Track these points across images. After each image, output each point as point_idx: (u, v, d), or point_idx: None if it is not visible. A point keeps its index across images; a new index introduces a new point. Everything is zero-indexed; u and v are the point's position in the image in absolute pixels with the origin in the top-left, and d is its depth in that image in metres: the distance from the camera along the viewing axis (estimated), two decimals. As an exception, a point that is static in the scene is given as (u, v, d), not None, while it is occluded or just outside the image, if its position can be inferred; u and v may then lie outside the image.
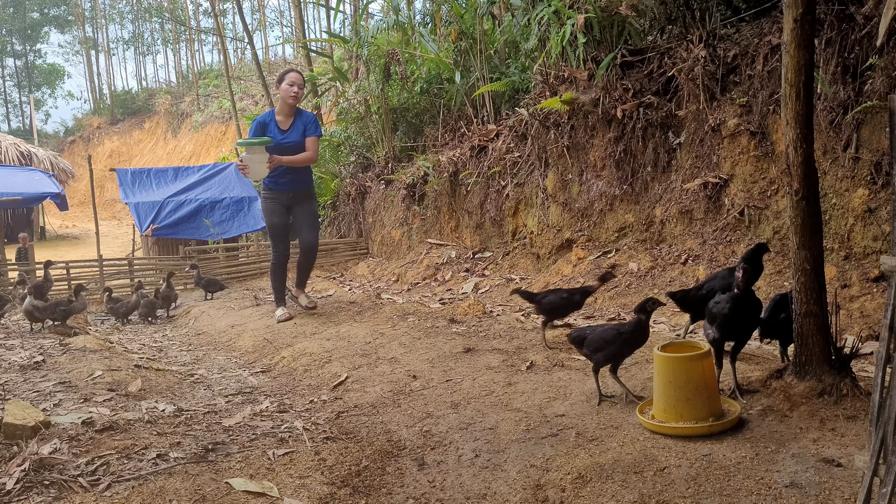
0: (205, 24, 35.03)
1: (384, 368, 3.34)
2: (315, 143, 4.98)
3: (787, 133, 2.20)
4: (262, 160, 4.63)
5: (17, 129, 38.20)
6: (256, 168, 4.66)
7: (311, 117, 4.99)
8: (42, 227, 21.59)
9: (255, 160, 4.64)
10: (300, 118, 4.93)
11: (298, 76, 4.90)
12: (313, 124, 4.95)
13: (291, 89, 4.80)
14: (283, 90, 4.84)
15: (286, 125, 4.90)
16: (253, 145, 4.63)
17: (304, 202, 5.12)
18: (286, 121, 4.91)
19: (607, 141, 5.65)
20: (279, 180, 4.93)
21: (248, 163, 4.63)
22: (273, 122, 4.89)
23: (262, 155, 4.64)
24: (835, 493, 1.64)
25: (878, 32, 3.41)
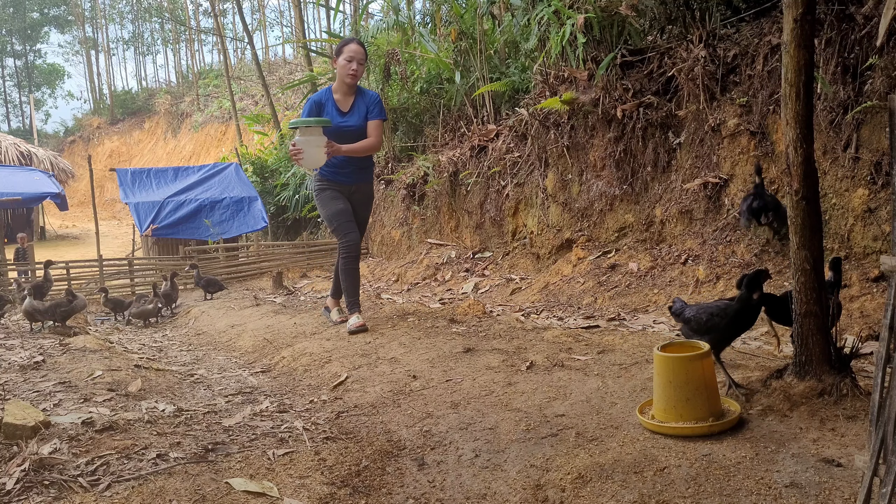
0: (205, 24, 35.04)
1: (384, 368, 3.34)
2: (379, 129, 4.24)
3: (787, 133, 2.20)
4: (320, 144, 3.89)
5: (17, 129, 38.21)
6: (313, 154, 3.89)
7: (374, 98, 4.26)
8: (42, 227, 21.60)
9: (311, 144, 3.88)
10: (362, 98, 4.25)
11: (359, 49, 4.16)
12: (377, 106, 4.23)
13: (350, 66, 4.10)
14: (340, 66, 4.14)
15: (346, 106, 4.22)
16: (309, 126, 3.88)
17: (366, 199, 4.50)
18: (346, 101, 4.23)
19: (607, 141, 5.65)
20: (340, 171, 4.27)
21: (303, 147, 3.87)
22: (330, 101, 4.21)
23: (320, 138, 3.90)
24: (835, 493, 1.64)
25: (878, 32, 3.41)
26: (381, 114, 4.23)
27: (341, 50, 4.15)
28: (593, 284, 5.27)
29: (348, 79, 4.13)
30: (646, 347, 3.24)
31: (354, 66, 4.11)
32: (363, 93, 4.28)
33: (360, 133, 4.20)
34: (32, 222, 20.51)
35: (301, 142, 3.88)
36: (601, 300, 5.00)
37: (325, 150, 3.89)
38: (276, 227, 13.26)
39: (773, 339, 2.84)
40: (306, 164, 3.99)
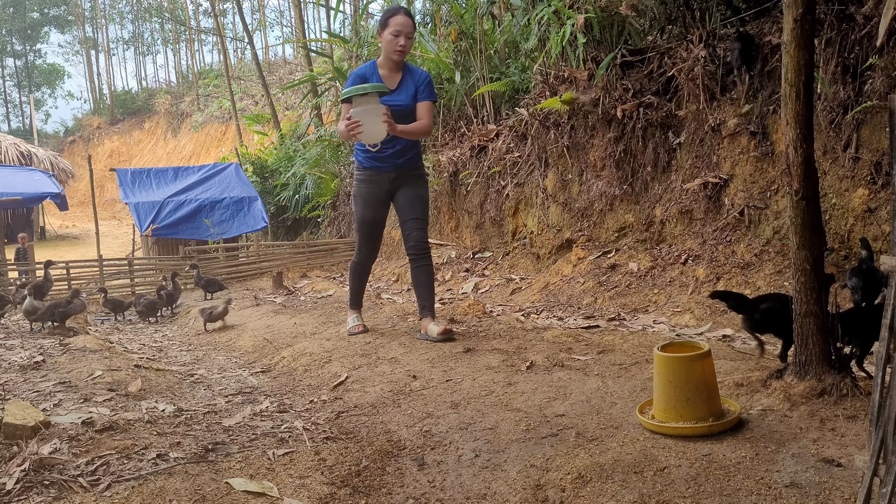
0: (205, 24, 35.05)
1: (384, 368, 3.34)
2: (430, 111, 3.77)
3: (787, 133, 2.20)
4: (379, 113, 3.42)
5: (17, 129, 38.21)
6: (373, 124, 3.41)
7: (423, 76, 3.81)
8: (42, 227, 21.60)
9: (370, 114, 3.40)
10: (410, 76, 3.80)
11: (407, 22, 3.66)
12: (427, 86, 3.78)
13: (397, 41, 3.65)
14: (385, 41, 3.70)
15: (393, 83, 3.77)
16: (366, 93, 3.39)
17: (413, 184, 3.90)
18: (392, 77, 3.78)
19: (607, 141, 5.66)
20: (379, 154, 3.77)
21: (361, 118, 3.41)
22: (375, 76, 3.75)
23: (379, 107, 3.43)
24: (835, 493, 1.64)
25: (878, 32, 3.41)
26: (432, 94, 3.80)
27: (387, 22, 3.67)
28: (593, 284, 5.27)
29: (395, 55, 3.67)
30: (646, 347, 3.24)
31: (402, 42, 3.63)
32: (412, 70, 3.83)
33: (408, 114, 3.74)
34: (32, 222, 20.50)
35: (358, 113, 3.40)
36: (601, 300, 5.00)
37: (385, 120, 3.42)
38: (276, 227, 13.26)
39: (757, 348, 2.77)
40: (367, 138, 3.49)
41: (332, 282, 8.40)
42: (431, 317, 3.86)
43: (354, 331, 4.09)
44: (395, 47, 3.65)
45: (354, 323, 4.15)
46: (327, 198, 11.25)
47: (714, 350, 2.84)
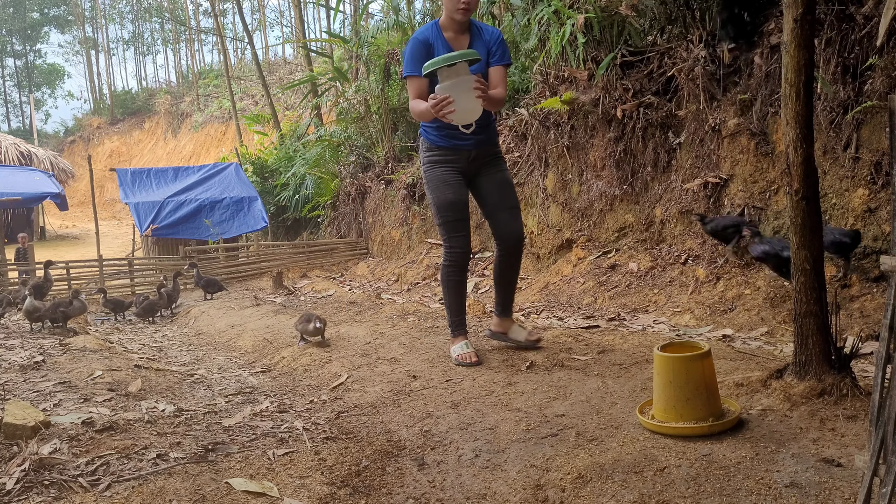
0: (205, 24, 35.05)
1: (384, 368, 3.34)
2: (504, 76, 3.17)
3: (787, 133, 2.20)
4: (471, 86, 2.83)
5: (17, 129, 38.21)
6: (466, 101, 2.84)
7: (496, 35, 3.19)
8: (42, 227, 21.60)
9: (463, 87, 2.82)
10: (480, 36, 3.18)
11: None
12: (500, 46, 3.17)
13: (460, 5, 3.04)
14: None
15: (460, 46, 3.16)
16: (454, 63, 2.80)
17: (495, 166, 3.31)
18: (459, 39, 3.17)
19: (607, 141, 5.66)
20: (454, 131, 3.12)
21: (452, 94, 2.82)
22: (440, 40, 3.15)
23: (470, 78, 2.84)
24: (835, 493, 1.64)
25: (878, 32, 3.41)
26: (506, 56, 3.19)
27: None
28: (593, 284, 5.27)
29: (458, 14, 3.06)
30: (646, 347, 3.24)
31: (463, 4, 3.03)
32: (481, 30, 3.21)
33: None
34: (32, 222, 20.50)
35: (447, 88, 2.82)
36: (601, 300, 5.00)
37: (478, 93, 2.84)
38: (276, 227, 13.26)
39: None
40: (460, 118, 2.89)
41: (331, 282, 8.41)
42: (511, 317, 3.44)
43: (464, 360, 3.21)
44: (457, 5, 3.03)
45: (462, 351, 3.26)
46: (327, 198, 11.25)
47: (714, 350, 2.84)
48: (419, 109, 3.04)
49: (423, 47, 3.09)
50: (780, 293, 3.99)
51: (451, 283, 3.33)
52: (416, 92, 3.12)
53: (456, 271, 3.31)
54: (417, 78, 3.08)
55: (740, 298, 4.15)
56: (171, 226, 11.09)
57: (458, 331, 3.35)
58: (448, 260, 3.31)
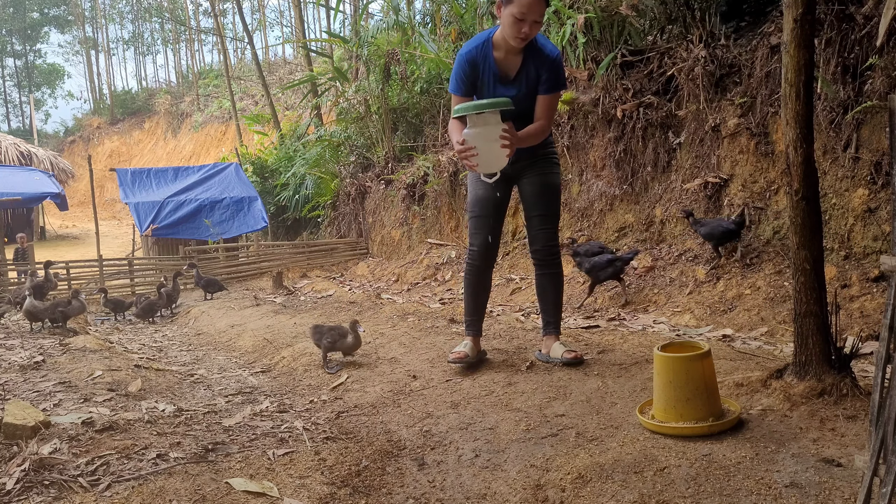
0: (205, 24, 35.05)
1: (384, 368, 3.34)
2: (552, 106, 2.90)
3: (787, 133, 2.20)
4: (498, 135, 2.63)
5: (17, 129, 38.21)
6: (490, 151, 2.66)
7: (550, 59, 2.82)
8: (42, 227, 21.60)
9: (488, 137, 2.65)
10: (533, 59, 2.83)
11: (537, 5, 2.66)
12: (553, 72, 2.83)
13: (520, 28, 2.70)
14: (504, 19, 2.73)
15: (510, 68, 2.87)
16: (483, 110, 2.62)
17: (541, 167, 3.04)
18: (510, 61, 2.86)
19: (607, 141, 5.66)
20: None
21: (476, 143, 2.66)
22: (489, 60, 2.86)
23: (498, 127, 2.64)
24: (835, 493, 1.64)
25: (878, 32, 3.41)
26: (559, 83, 2.85)
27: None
28: (593, 284, 5.27)
29: (516, 42, 2.75)
30: (646, 347, 3.24)
31: (527, 30, 2.69)
32: (537, 50, 2.83)
33: (526, 108, 2.87)
34: (32, 222, 20.50)
35: (472, 136, 2.66)
36: (601, 300, 5.00)
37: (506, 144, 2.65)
38: (276, 227, 13.26)
39: None
40: (483, 167, 2.74)
41: (332, 282, 8.41)
42: (557, 335, 3.18)
43: (453, 357, 3.12)
44: (516, 33, 2.71)
45: (457, 349, 3.18)
46: (327, 198, 11.25)
47: (714, 350, 2.84)
48: (452, 138, 2.85)
49: (470, 67, 2.86)
50: (780, 293, 3.99)
51: (466, 281, 3.23)
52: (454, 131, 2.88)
53: (472, 270, 3.19)
54: (457, 97, 2.91)
55: (740, 298, 4.15)
56: (171, 226, 11.09)
57: (468, 330, 3.24)
58: (467, 258, 3.23)
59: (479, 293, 3.22)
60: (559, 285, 3.18)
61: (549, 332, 3.18)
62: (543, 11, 2.71)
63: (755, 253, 4.59)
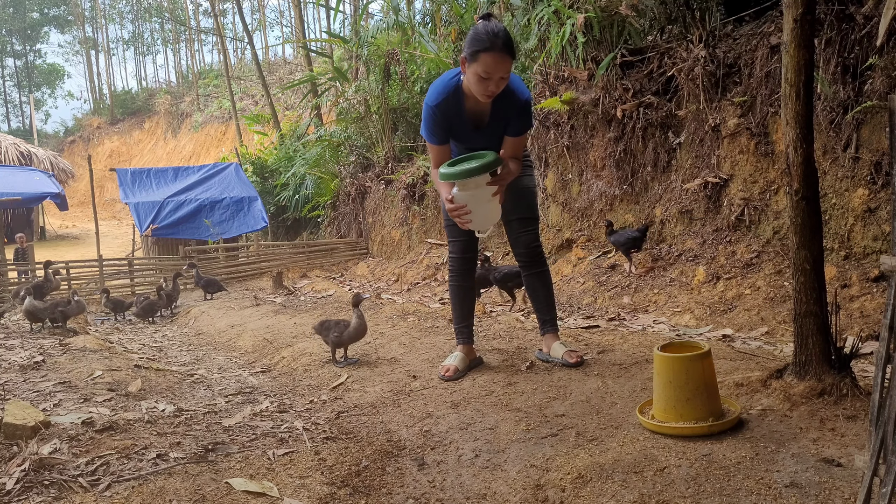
0: (205, 24, 35.06)
1: (384, 368, 3.34)
2: (521, 146, 2.90)
3: (787, 133, 2.20)
4: (490, 194, 2.65)
5: (17, 129, 38.23)
6: (484, 210, 2.68)
7: (520, 102, 2.77)
8: (42, 227, 21.60)
9: (481, 199, 2.65)
10: (502, 103, 2.75)
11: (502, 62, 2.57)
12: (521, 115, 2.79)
13: (486, 86, 2.62)
14: (469, 76, 2.65)
15: (481, 116, 2.83)
16: (474, 174, 2.59)
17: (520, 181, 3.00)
18: (480, 107, 2.80)
19: (607, 141, 5.66)
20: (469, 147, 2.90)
21: (469, 203, 2.65)
22: (460, 108, 2.78)
23: (489, 189, 2.65)
24: (835, 493, 1.64)
25: (878, 32, 3.41)
26: (527, 123, 2.85)
27: (476, 55, 2.58)
28: (593, 284, 5.27)
29: (483, 98, 2.69)
30: (646, 347, 3.24)
31: (493, 88, 2.63)
32: (508, 94, 2.74)
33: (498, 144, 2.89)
34: (32, 222, 20.50)
35: (465, 197, 2.63)
36: (601, 300, 5.00)
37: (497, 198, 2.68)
38: (276, 227, 13.27)
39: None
40: (477, 225, 2.74)
41: (331, 282, 8.41)
42: (555, 333, 3.13)
43: (443, 373, 3.05)
44: (483, 91, 2.64)
45: (445, 362, 3.12)
46: (327, 198, 11.25)
47: (714, 350, 2.84)
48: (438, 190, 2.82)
49: (442, 117, 2.78)
50: (780, 293, 3.99)
51: (451, 287, 3.24)
52: (435, 159, 2.87)
53: (455, 276, 3.20)
54: (435, 146, 2.86)
55: (740, 298, 4.15)
56: (171, 226, 11.10)
57: (458, 338, 3.19)
58: (448, 266, 3.25)
59: (465, 299, 3.21)
60: (548, 282, 3.15)
61: (547, 331, 3.16)
62: (509, 68, 2.62)
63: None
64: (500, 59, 2.55)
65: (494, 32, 2.55)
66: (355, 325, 3.22)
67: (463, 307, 3.21)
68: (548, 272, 3.16)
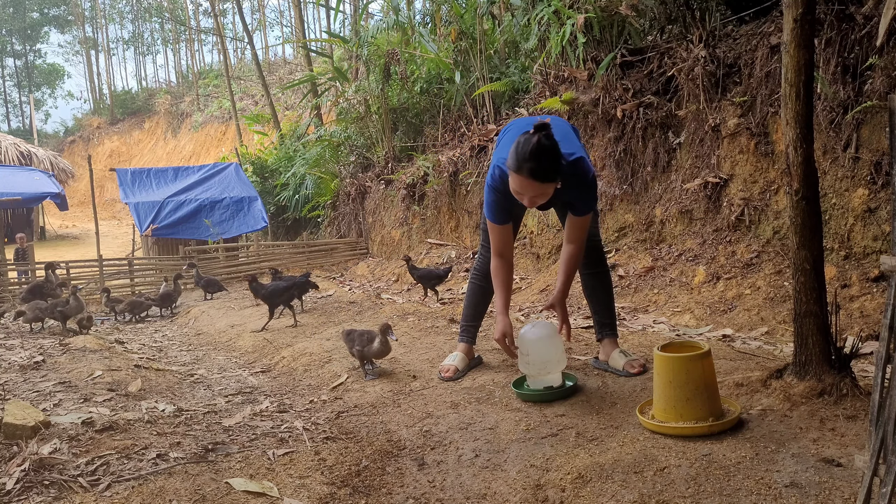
0: (205, 24, 35.06)
1: (384, 368, 3.34)
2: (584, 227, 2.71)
3: (787, 133, 2.20)
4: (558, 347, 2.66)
5: (17, 129, 38.23)
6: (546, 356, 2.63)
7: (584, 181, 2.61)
8: (42, 227, 21.60)
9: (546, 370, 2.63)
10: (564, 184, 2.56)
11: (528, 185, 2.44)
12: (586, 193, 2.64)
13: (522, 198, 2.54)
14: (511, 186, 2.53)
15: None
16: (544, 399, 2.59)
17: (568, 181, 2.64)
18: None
19: (607, 141, 5.66)
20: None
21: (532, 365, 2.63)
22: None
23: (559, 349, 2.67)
24: (835, 493, 1.64)
25: (878, 32, 3.41)
26: (589, 204, 2.66)
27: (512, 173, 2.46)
28: (593, 284, 5.26)
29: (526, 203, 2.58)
30: (646, 347, 3.24)
31: (527, 202, 2.54)
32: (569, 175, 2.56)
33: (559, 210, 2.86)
34: (32, 222, 20.50)
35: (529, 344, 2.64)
36: (601, 300, 5.00)
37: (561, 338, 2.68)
38: (276, 227, 13.27)
39: None
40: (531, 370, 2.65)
41: (331, 282, 8.41)
42: (614, 340, 2.97)
43: (444, 374, 3.04)
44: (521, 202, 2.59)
45: (447, 362, 3.10)
46: (327, 198, 11.25)
47: (714, 350, 2.84)
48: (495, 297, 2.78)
49: (504, 198, 2.67)
50: (780, 293, 3.99)
51: (471, 286, 3.16)
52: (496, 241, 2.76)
53: (478, 276, 3.11)
54: (496, 226, 2.74)
55: (740, 298, 4.14)
56: (171, 226, 11.09)
57: (461, 337, 3.16)
58: (477, 261, 3.14)
59: (482, 300, 3.14)
60: (608, 284, 2.98)
61: (606, 335, 2.96)
62: (543, 189, 2.45)
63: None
64: (526, 183, 2.43)
65: (524, 157, 2.38)
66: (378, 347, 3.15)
67: (477, 308, 3.15)
68: (607, 273, 3.00)
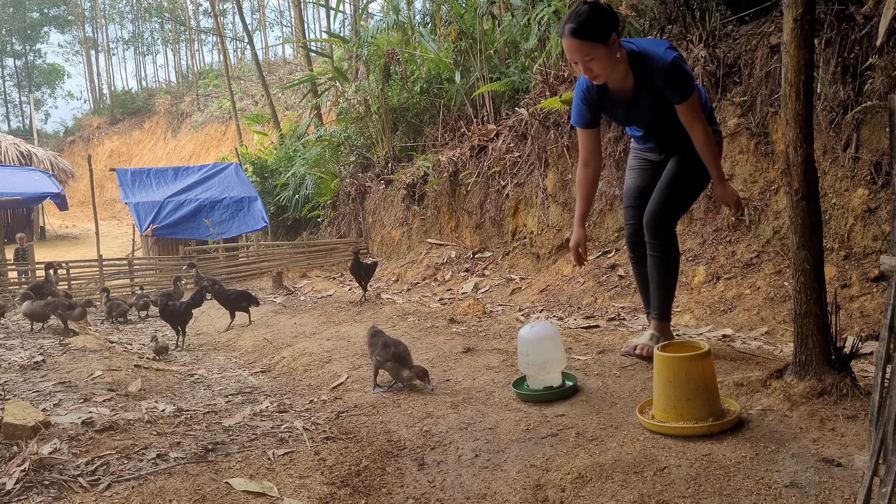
0: (205, 24, 35.07)
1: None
2: (692, 111, 2.65)
3: (787, 133, 2.20)
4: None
5: (17, 129, 38.21)
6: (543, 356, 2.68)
7: (660, 71, 2.58)
8: (42, 227, 21.60)
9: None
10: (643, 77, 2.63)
11: (571, 44, 2.51)
12: (670, 82, 2.58)
13: (577, 69, 2.63)
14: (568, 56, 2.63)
15: (624, 95, 2.73)
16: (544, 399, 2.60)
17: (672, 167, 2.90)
18: (621, 87, 2.72)
19: (607, 141, 5.66)
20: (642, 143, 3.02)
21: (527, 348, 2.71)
22: (604, 88, 2.75)
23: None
24: (835, 493, 1.64)
25: (878, 32, 3.41)
26: (683, 88, 2.59)
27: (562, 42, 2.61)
28: (593, 284, 5.27)
29: (593, 81, 2.67)
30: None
31: (582, 70, 2.59)
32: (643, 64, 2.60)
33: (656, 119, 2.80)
34: (32, 222, 20.50)
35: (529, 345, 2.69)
36: (601, 300, 5.00)
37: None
38: (276, 227, 13.27)
39: None
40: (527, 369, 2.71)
41: (331, 282, 8.41)
42: (656, 322, 3.01)
43: (626, 350, 3.05)
44: (585, 76, 2.65)
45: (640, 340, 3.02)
46: (327, 198, 11.25)
47: (714, 350, 2.84)
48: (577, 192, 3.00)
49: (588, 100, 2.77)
50: (780, 293, 3.99)
51: (633, 270, 3.18)
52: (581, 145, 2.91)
53: (632, 259, 3.13)
54: (580, 129, 2.87)
55: (740, 298, 4.14)
56: (171, 226, 11.09)
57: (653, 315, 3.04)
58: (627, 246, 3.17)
59: (641, 280, 3.13)
60: (661, 268, 2.93)
61: (656, 319, 3.02)
62: (585, 49, 2.49)
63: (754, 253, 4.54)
64: (568, 44, 2.51)
65: (565, 19, 2.52)
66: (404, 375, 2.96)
67: (642, 289, 3.16)
68: (662, 259, 2.92)
